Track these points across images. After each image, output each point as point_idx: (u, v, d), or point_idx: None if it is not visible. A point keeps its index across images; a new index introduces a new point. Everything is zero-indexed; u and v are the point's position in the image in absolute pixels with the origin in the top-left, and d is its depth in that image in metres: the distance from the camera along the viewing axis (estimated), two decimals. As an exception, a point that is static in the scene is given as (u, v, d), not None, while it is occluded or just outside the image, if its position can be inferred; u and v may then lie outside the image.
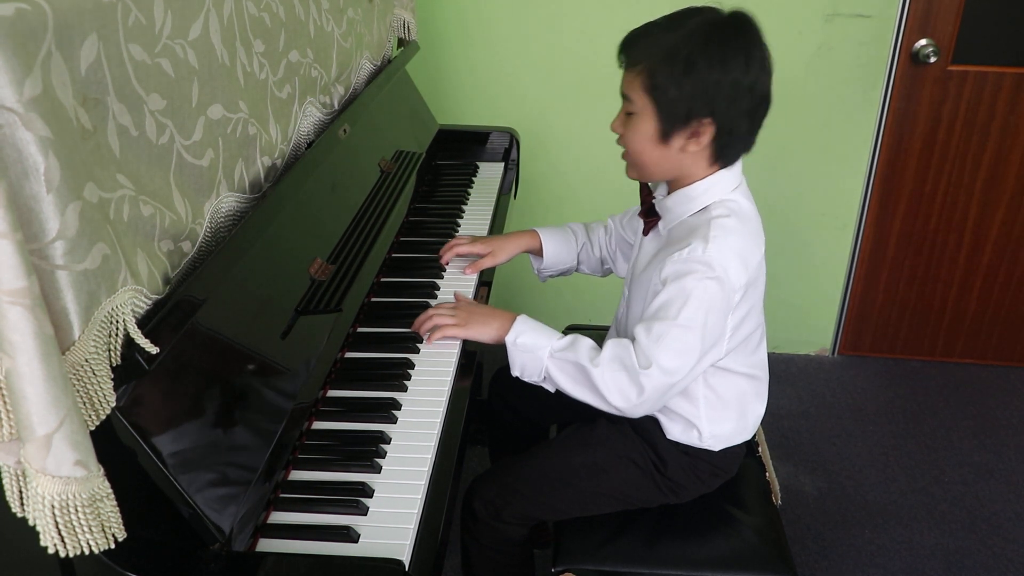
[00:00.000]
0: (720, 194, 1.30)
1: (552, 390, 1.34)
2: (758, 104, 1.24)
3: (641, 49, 1.24)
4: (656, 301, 1.25)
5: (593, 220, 1.70)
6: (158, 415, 0.88)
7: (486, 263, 1.63)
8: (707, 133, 1.24)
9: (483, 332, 1.35)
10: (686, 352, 1.23)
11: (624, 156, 1.34)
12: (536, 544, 1.85)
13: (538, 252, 1.66)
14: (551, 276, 1.72)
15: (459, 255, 1.64)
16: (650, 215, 1.40)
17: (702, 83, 1.19)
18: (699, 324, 1.22)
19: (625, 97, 1.28)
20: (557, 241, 1.65)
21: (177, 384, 0.92)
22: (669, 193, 1.34)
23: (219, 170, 1.11)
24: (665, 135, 1.25)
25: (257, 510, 0.99)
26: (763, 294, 1.37)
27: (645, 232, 1.42)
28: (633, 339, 1.26)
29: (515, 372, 1.34)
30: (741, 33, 1.21)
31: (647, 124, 1.26)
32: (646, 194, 1.41)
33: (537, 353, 1.30)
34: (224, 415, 0.98)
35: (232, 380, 1.02)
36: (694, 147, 1.25)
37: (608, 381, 1.24)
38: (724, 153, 1.28)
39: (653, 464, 1.40)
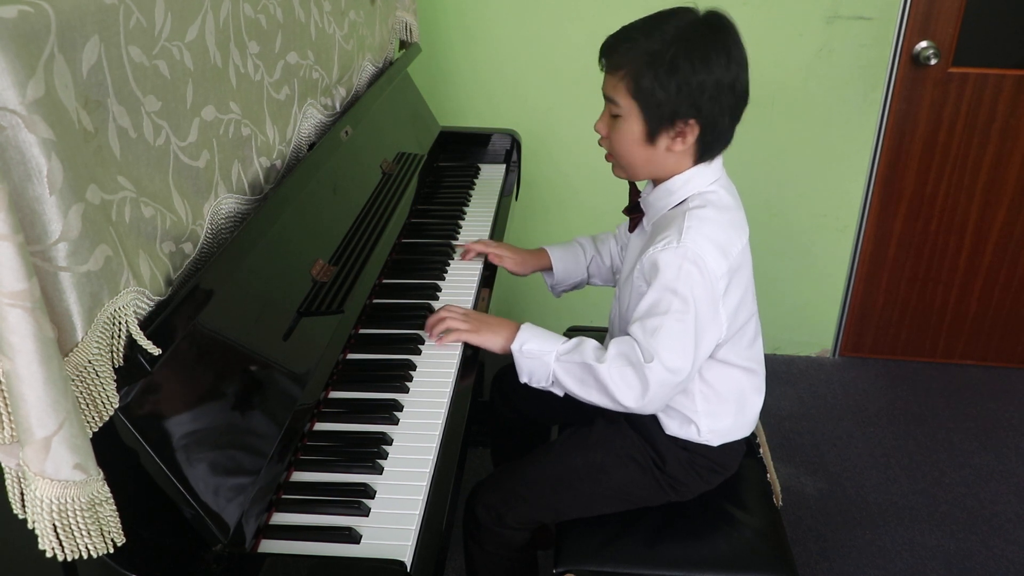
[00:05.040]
0: (699, 187, 1.32)
1: (561, 394, 1.35)
2: (738, 100, 1.27)
3: (623, 54, 1.26)
4: (645, 301, 1.27)
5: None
6: (161, 416, 0.89)
7: (508, 264, 1.67)
8: (692, 132, 1.26)
9: (492, 340, 1.36)
10: (683, 342, 1.24)
11: (608, 157, 1.38)
12: (539, 545, 1.85)
13: (549, 269, 1.69)
14: (565, 290, 1.75)
15: (479, 253, 1.67)
16: (634, 211, 1.42)
17: (687, 84, 1.22)
18: (691, 313, 1.24)
19: (610, 100, 1.30)
20: (566, 257, 1.69)
21: (179, 385, 0.93)
22: (653, 189, 1.37)
23: (216, 171, 1.11)
24: (651, 136, 1.28)
25: (259, 511, 0.99)
26: (752, 284, 1.38)
27: (631, 228, 1.45)
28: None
29: (523, 379, 1.35)
30: (720, 32, 1.24)
31: (633, 126, 1.28)
32: (634, 192, 1.43)
33: (543, 358, 1.31)
34: (226, 416, 0.98)
35: (234, 381, 1.02)
36: (680, 146, 1.28)
37: (616, 377, 1.25)
38: (708, 150, 1.30)
39: (653, 461, 1.40)
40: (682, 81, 1.22)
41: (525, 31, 2.40)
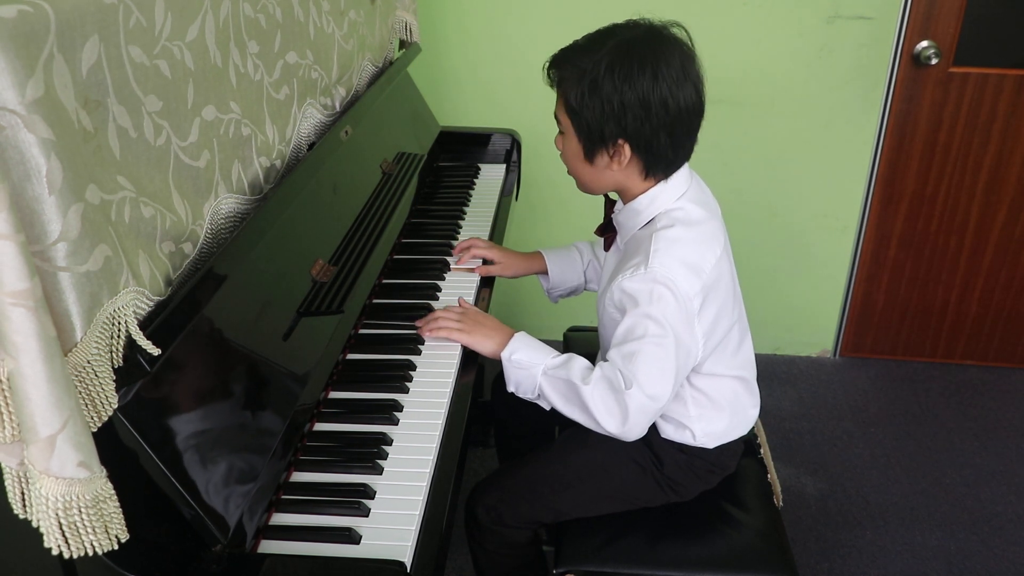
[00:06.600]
0: (665, 204, 1.29)
1: (547, 408, 1.34)
2: (676, 117, 1.21)
3: (560, 70, 1.25)
4: (621, 327, 1.25)
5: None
6: (160, 416, 0.89)
7: (494, 271, 1.65)
8: (623, 152, 1.24)
9: (483, 343, 1.36)
10: (662, 367, 1.23)
11: (569, 172, 1.36)
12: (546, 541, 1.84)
13: (545, 273, 1.68)
14: (561, 296, 1.73)
15: (474, 256, 1.66)
16: (607, 230, 1.40)
17: (609, 104, 1.19)
18: (669, 336, 1.22)
19: (555, 116, 1.30)
20: (562, 262, 1.67)
21: (179, 386, 0.92)
22: (623, 208, 1.35)
23: (216, 171, 1.11)
24: (588, 155, 1.27)
25: (259, 511, 0.99)
26: (733, 293, 1.35)
27: (606, 247, 1.43)
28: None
29: (510, 388, 1.35)
30: (651, 48, 1.19)
31: (573, 144, 1.28)
32: (609, 209, 1.41)
33: (531, 370, 1.31)
34: (226, 416, 0.98)
35: (234, 382, 1.02)
36: (616, 166, 1.26)
37: (597, 400, 1.24)
38: (653, 167, 1.27)
39: (652, 462, 1.40)
40: (604, 100, 1.19)
41: (525, 31, 2.40)
